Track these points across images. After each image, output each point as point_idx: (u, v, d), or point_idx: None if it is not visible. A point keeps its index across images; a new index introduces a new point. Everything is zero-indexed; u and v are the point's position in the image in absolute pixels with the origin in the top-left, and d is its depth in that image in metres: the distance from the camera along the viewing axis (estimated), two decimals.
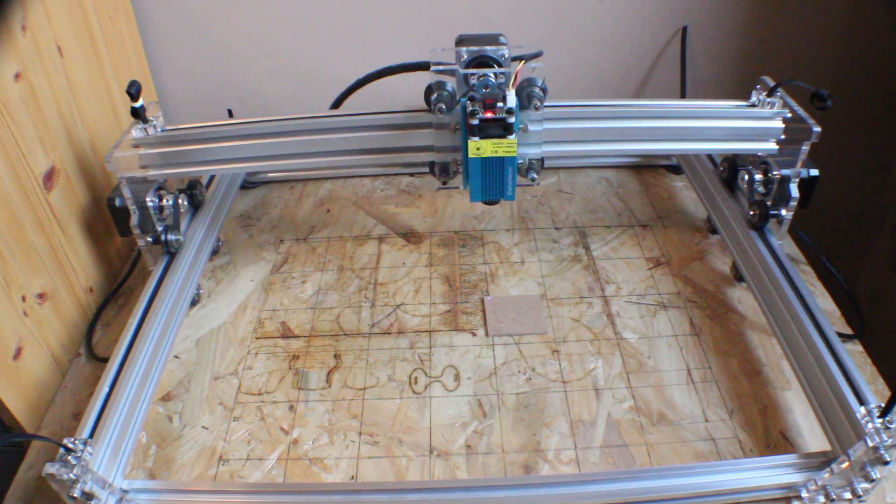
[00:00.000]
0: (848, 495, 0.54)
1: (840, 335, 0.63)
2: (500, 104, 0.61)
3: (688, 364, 0.70)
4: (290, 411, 0.66)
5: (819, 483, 0.55)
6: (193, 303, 0.78)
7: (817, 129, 0.66)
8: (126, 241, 0.86)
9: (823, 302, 0.76)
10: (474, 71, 0.62)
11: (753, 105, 0.72)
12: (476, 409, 0.66)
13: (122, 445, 0.57)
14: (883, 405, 0.52)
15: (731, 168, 0.81)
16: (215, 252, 0.85)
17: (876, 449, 0.51)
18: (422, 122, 0.68)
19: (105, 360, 0.65)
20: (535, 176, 0.69)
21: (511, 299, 0.78)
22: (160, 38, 0.98)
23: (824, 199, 0.78)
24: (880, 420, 0.52)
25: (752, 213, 0.75)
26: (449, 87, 0.63)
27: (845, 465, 0.53)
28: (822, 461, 0.56)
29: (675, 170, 0.98)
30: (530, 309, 0.76)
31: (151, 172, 0.72)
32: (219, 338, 0.75)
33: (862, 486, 0.53)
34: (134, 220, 0.72)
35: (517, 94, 0.62)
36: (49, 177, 0.72)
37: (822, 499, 0.55)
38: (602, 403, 0.66)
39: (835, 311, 0.75)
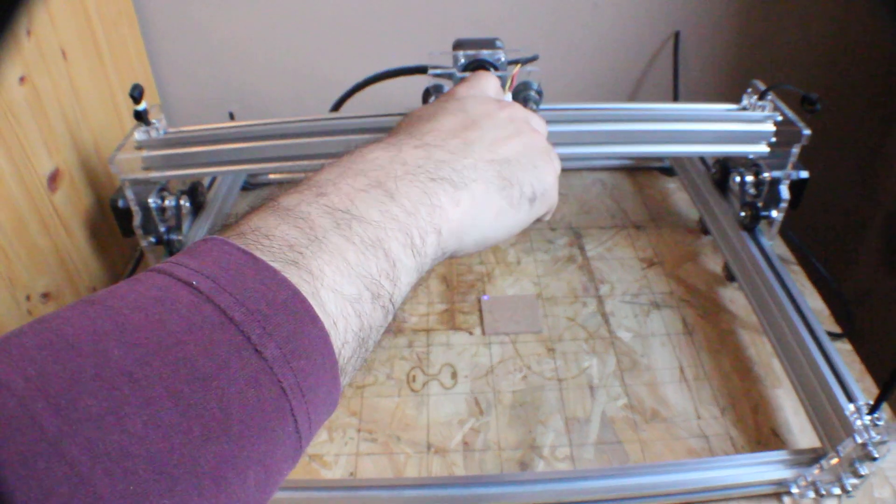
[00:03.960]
0: (837, 491, 0.55)
1: (829, 334, 0.64)
2: None
3: (681, 362, 0.71)
4: None
5: (809, 479, 0.55)
6: None
7: (807, 131, 0.67)
8: (129, 242, 0.86)
9: (813, 301, 0.77)
10: (471, 74, 0.63)
11: (745, 108, 0.73)
12: (473, 407, 0.67)
13: None
14: (871, 402, 0.53)
15: (722, 170, 0.82)
16: None
17: (864, 445, 0.52)
18: None
19: None
20: None
21: (507, 299, 0.79)
22: (163, 41, 0.99)
23: (814, 200, 0.79)
24: (868, 417, 0.53)
25: (743, 214, 0.76)
26: (446, 90, 0.64)
27: (834, 461, 0.54)
28: (812, 457, 0.56)
29: (668, 172, 0.99)
30: (526, 308, 0.77)
31: (154, 174, 0.72)
32: None
33: (850, 481, 0.54)
34: (137, 221, 0.73)
35: (513, 97, 0.63)
36: (53, 178, 0.73)
37: (811, 494, 0.56)
38: (596, 401, 0.67)
39: (824, 310, 0.76)
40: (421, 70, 0.67)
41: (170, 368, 0.21)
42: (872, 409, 0.53)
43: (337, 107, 0.86)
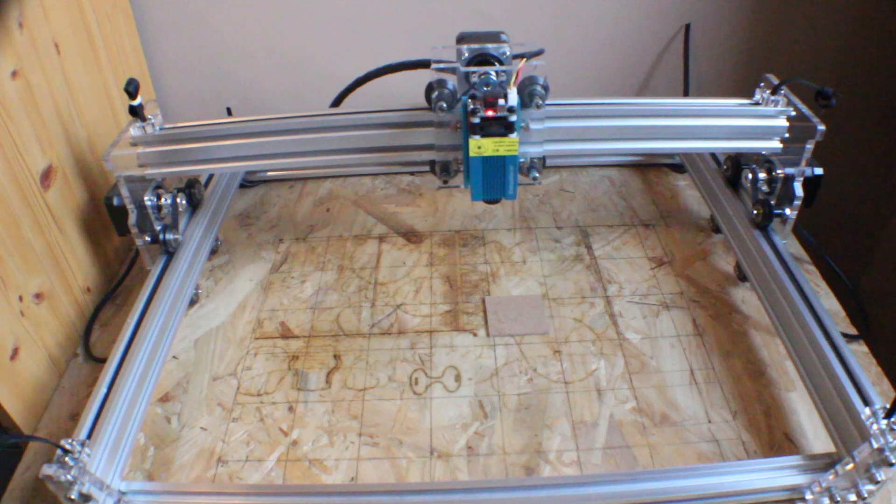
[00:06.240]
0: (853, 497, 0.54)
1: (845, 335, 0.63)
2: (501, 102, 0.60)
3: (691, 364, 0.69)
4: (289, 412, 0.66)
5: (823, 485, 0.54)
6: (192, 303, 0.78)
7: (822, 127, 0.66)
8: (124, 241, 0.85)
9: (828, 302, 0.76)
10: (475, 69, 0.61)
11: (757, 103, 0.71)
12: (477, 410, 0.66)
13: (120, 446, 0.57)
14: (888, 406, 0.52)
15: (734, 167, 0.81)
16: (214, 251, 0.85)
17: (881, 450, 0.50)
18: (422, 120, 0.68)
19: (103, 361, 0.65)
20: (537, 175, 0.69)
21: (512, 299, 0.78)
22: (158, 35, 0.98)
23: (829, 197, 0.78)
24: (885, 421, 0.52)
25: (755, 212, 0.75)
26: (450, 86, 0.63)
27: (850, 466, 0.53)
28: (827, 463, 0.55)
29: (678, 168, 0.98)
30: (532, 309, 0.76)
31: (149, 171, 0.71)
32: (217, 338, 0.75)
33: (867, 487, 0.53)
34: (132, 219, 0.72)
35: (518, 92, 0.62)
36: (46, 175, 0.72)
37: (826, 501, 0.55)
38: (604, 404, 0.66)
39: (839, 311, 0.75)
40: (423, 64, 0.66)
41: None
42: (889, 413, 0.52)
43: (337, 102, 0.85)
